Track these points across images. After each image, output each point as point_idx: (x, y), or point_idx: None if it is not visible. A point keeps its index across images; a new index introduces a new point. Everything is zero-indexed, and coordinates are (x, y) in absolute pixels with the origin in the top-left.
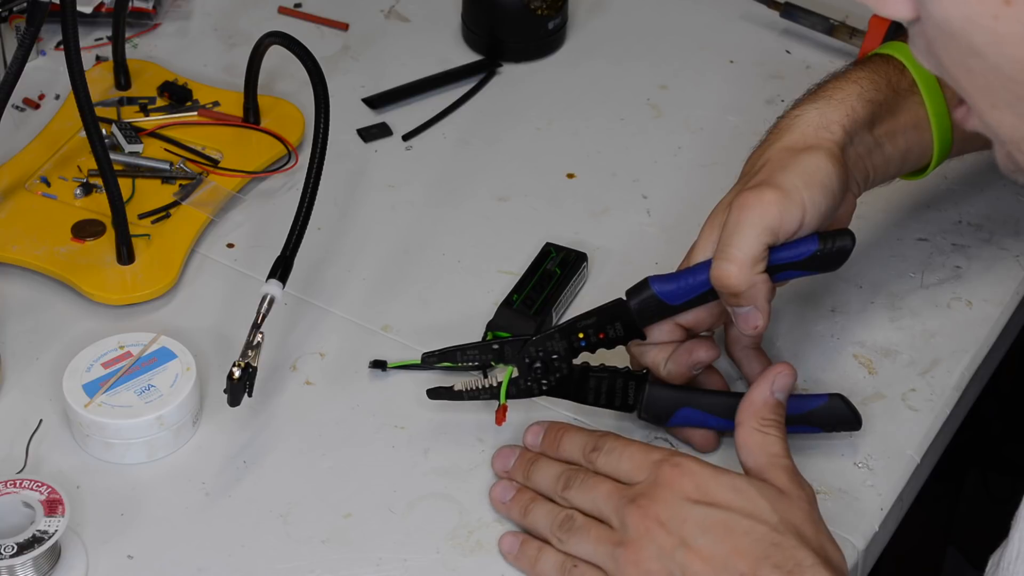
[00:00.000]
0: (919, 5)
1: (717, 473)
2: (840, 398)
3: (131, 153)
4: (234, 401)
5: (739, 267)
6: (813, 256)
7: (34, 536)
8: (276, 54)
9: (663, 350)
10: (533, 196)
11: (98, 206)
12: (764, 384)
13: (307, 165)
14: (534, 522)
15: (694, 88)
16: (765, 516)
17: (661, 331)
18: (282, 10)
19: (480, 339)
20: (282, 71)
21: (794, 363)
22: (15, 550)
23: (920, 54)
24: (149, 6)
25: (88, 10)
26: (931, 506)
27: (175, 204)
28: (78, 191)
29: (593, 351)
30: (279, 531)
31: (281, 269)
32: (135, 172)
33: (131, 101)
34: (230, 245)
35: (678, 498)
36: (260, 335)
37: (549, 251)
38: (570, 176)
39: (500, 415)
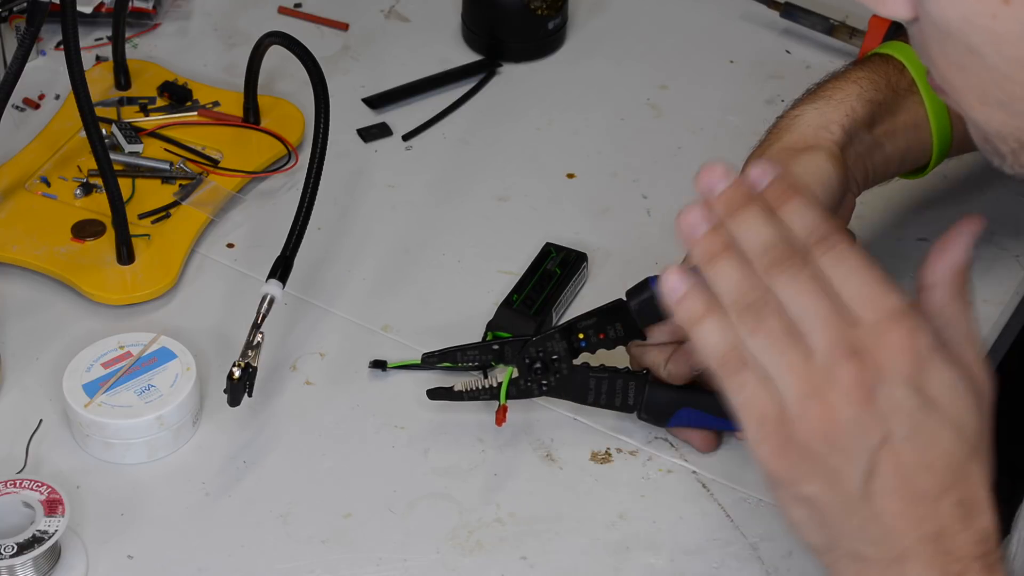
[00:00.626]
0: (918, 5)
1: (948, 361)
2: None
3: (131, 153)
4: (234, 401)
5: None
6: None
7: (34, 536)
8: (276, 54)
9: (663, 351)
10: (533, 196)
11: (98, 206)
12: (959, 239)
13: (307, 165)
14: (719, 280)
15: (694, 88)
16: (968, 434)
17: (661, 331)
18: (282, 10)
19: (480, 339)
20: (282, 71)
21: None
22: (15, 550)
23: (918, 51)
24: (149, 6)
25: (88, 10)
26: None
27: (175, 204)
28: (78, 191)
29: (593, 351)
30: (279, 531)
31: (281, 269)
32: (135, 172)
33: (131, 101)
34: (230, 245)
35: (903, 373)
36: (260, 335)
37: (549, 251)
38: (570, 176)
39: (500, 415)
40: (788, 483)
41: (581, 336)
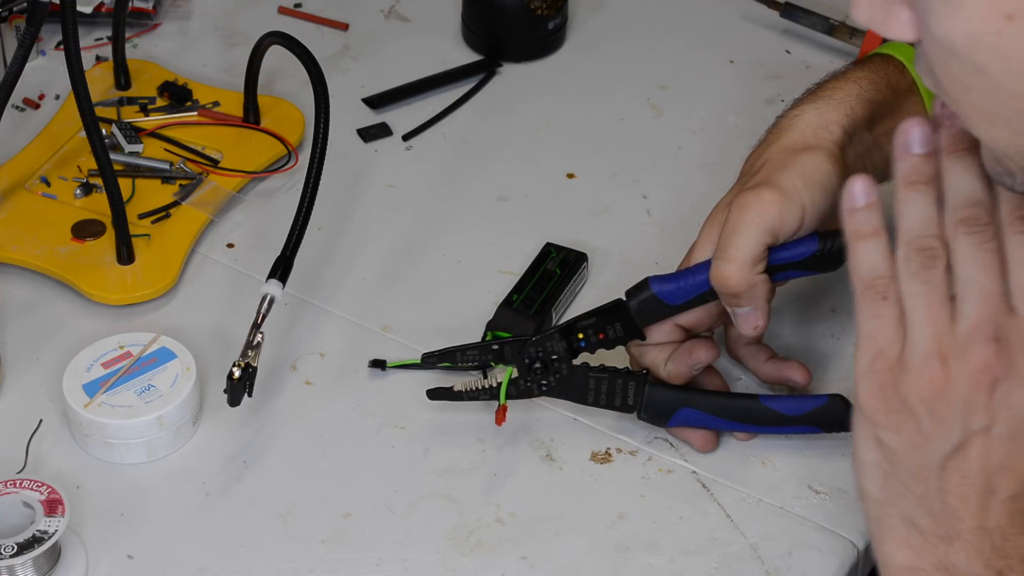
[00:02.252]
0: (922, 26)
1: None
2: (840, 398)
3: (131, 153)
4: (234, 401)
5: (739, 267)
6: (813, 256)
7: (34, 536)
8: (276, 54)
9: (663, 350)
10: (533, 196)
11: (98, 206)
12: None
13: (307, 165)
14: (910, 208)
15: (694, 88)
16: None
17: (661, 331)
18: (282, 10)
19: (480, 339)
20: (282, 71)
21: None
22: (15, 550)
23: (923, 72)
24: (149, 6)
25: (88, 10)
26: None
27: (175, 204)
28: (78, 191)
29: (593, 351)
30: (279, 531)
31: (281, 269)
32: (135, 172)
33: (131, 101)
34: (230, 245)
35: None
36: (260, 335)
37: (549, 251)
38: (570, 176)
39: (500, 415)
40: (874, 423)
41: (581, 336)
